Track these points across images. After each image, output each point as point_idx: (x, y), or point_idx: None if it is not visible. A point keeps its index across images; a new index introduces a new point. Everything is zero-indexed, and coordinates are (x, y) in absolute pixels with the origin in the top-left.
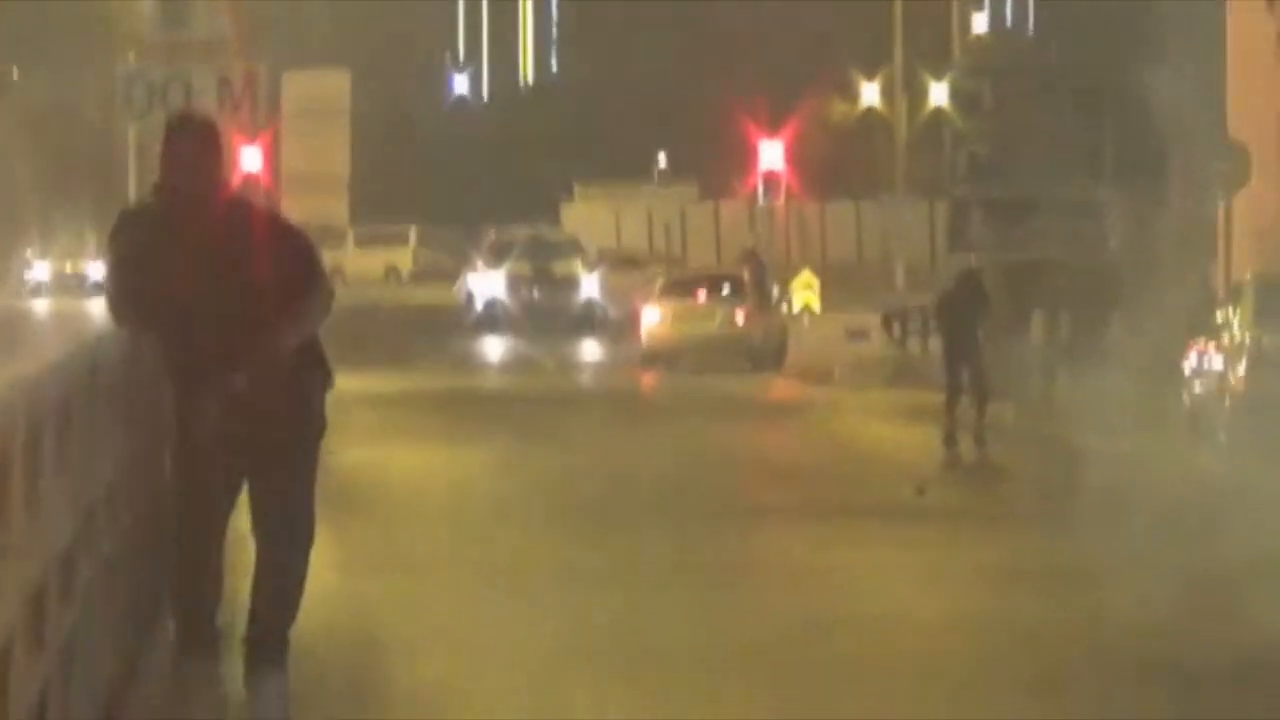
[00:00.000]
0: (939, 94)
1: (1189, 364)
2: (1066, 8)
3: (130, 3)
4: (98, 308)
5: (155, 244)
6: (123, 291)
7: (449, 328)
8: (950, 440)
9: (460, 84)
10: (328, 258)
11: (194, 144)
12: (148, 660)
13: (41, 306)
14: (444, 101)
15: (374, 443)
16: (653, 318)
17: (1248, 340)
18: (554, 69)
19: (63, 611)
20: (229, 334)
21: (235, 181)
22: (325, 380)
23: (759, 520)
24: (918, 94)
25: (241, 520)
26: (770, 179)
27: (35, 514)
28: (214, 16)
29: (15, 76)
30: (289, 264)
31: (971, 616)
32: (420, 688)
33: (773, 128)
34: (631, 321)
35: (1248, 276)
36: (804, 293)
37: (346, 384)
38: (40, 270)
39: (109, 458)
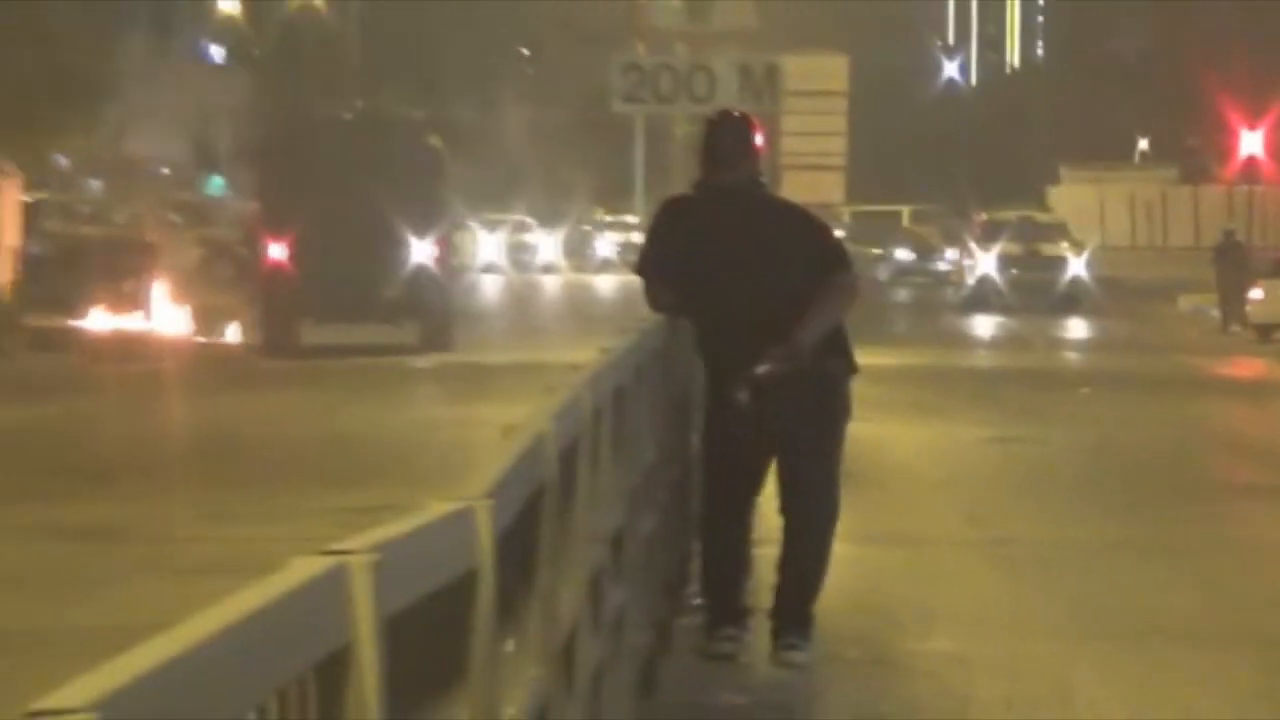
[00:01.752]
0: None
1: None
2: None
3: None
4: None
5: (697, 234)
6: (663, 277)
7: (939, 306)
8: None
9: (950, 69)
10: None
11: (733, 139)
12: (677, 631)
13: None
14: (934, 86)
15: (876, 418)
16: (1257, 295)
17: None
18: (1039, 54)
19: (614, 591)
20: (761, 323)
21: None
22: (849, 367)
23: (1247, 499)
24: None
25: (767, 500)
26: (1250, 165)
27: (596, 499)
28: (733, 10)
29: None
30: (815, 256)
31: None
32: (936, 660)
33: (1255, 115)
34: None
35: None
36: None
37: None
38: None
39: (651, 441)
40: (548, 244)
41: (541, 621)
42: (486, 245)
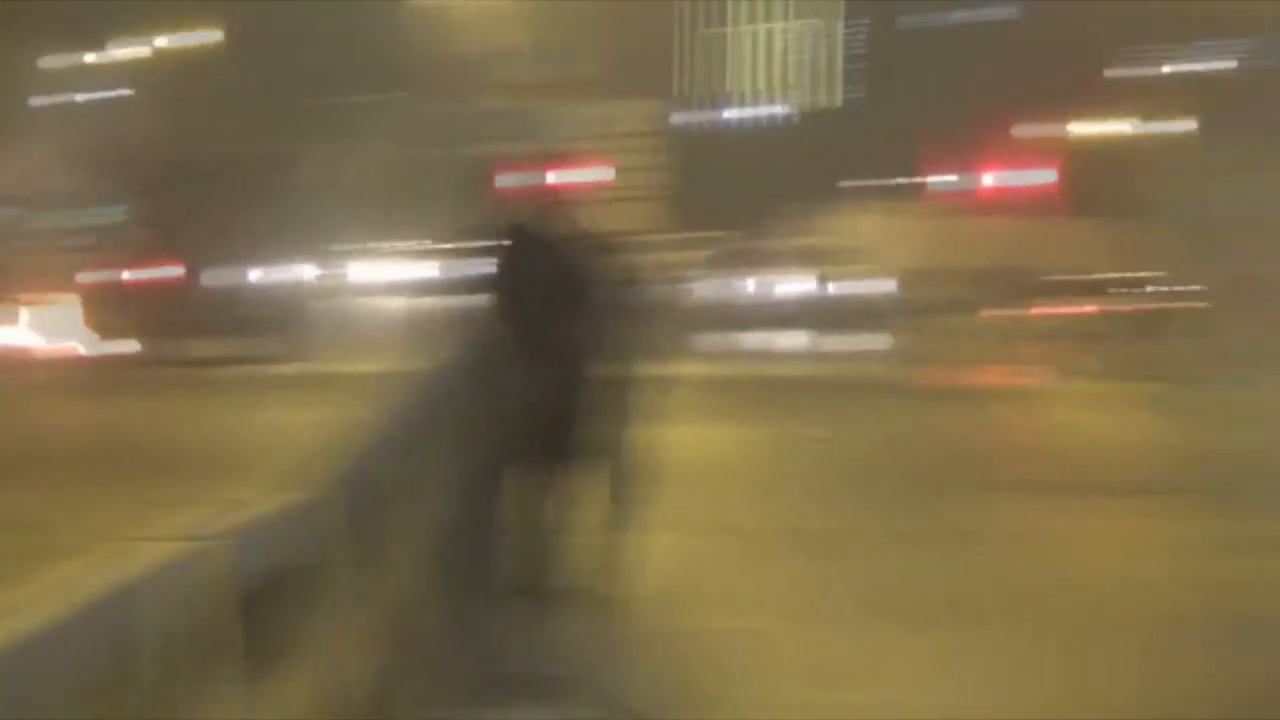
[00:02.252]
0: (1161, 127)
1: None
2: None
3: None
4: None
5: (521, 257)
6: (492, 295)
7: (727, 321)
8: None
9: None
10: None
11: (540, 174)
12: (506, 607)
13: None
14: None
15: (694, 421)
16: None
17: None
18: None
19: (449, 572)
20: (574, 335)
21: (572, 197)
22: (657, 374)
23: (1013, 494)
24: (1140, 126)
25: (577, 490)
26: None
27: (432, 490)
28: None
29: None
30: (619, 270)
31: (1205, 582)
32: (741, 635)
33: (1019, 151)
34: None
35: None
36: None
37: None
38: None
39: (479, 438)
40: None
41: (383, 598)
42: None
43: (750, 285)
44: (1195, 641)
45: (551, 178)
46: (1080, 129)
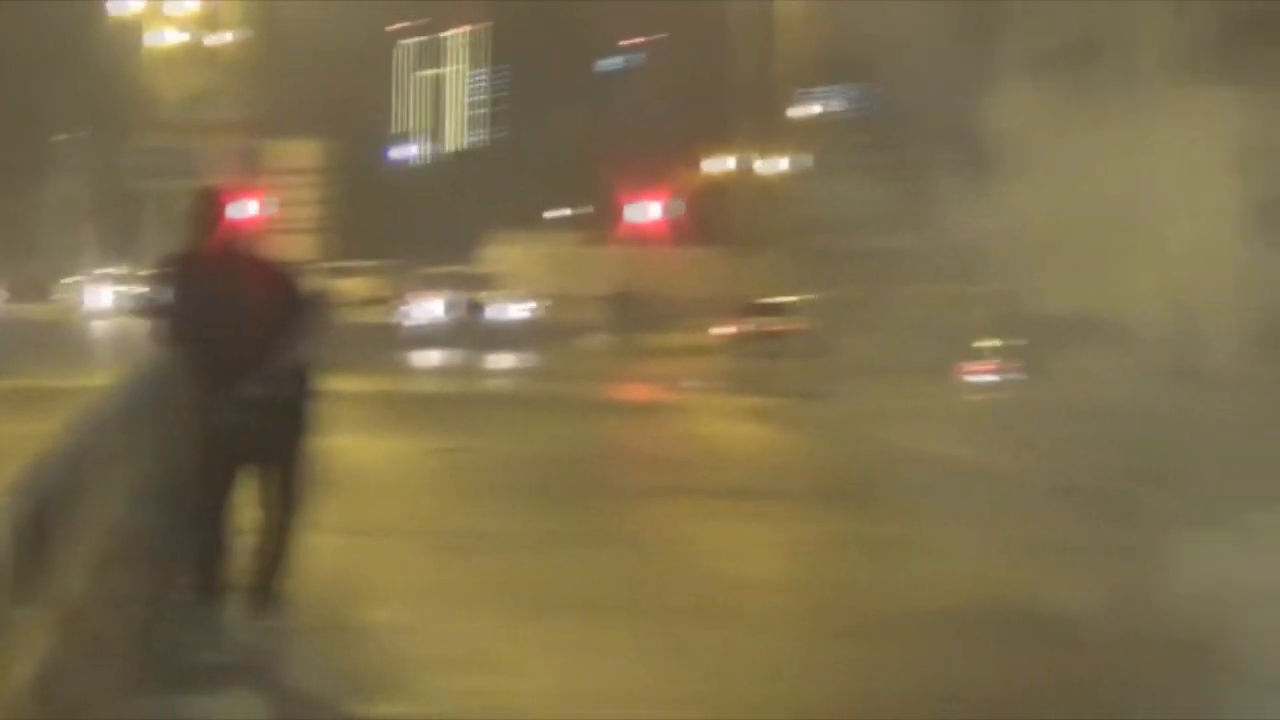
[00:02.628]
0: (775, 165)
1: (967, 379)
2: (878, 98)
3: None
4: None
5: (194, 281)
6: (169, 316)
7: (388, 342)
8: None
9: (403, 150)
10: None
11: (208, 207)
12: (173, 604)
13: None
14: (386, 165)
15: (345, 432)
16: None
17: (1016, 362)
18: (480, 138)
19: (119, 571)
20: (245, 354)
21: (244, 229)
22: (319, 389)
23: (632, 499)
24: (762, 164)
25: (252, 494)
26: (643, 229)
27: (104, 495)
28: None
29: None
30: (289, 294)
31: (802, 578)
32: (381, 626)
33: (648, 188)
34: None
35: (1015, 312)
36: None
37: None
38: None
39: (151, 449)
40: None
41: (53, 595)
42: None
43: (409, 309)
44: (803, 634)
45: (229, 210)
46: (711, 165)
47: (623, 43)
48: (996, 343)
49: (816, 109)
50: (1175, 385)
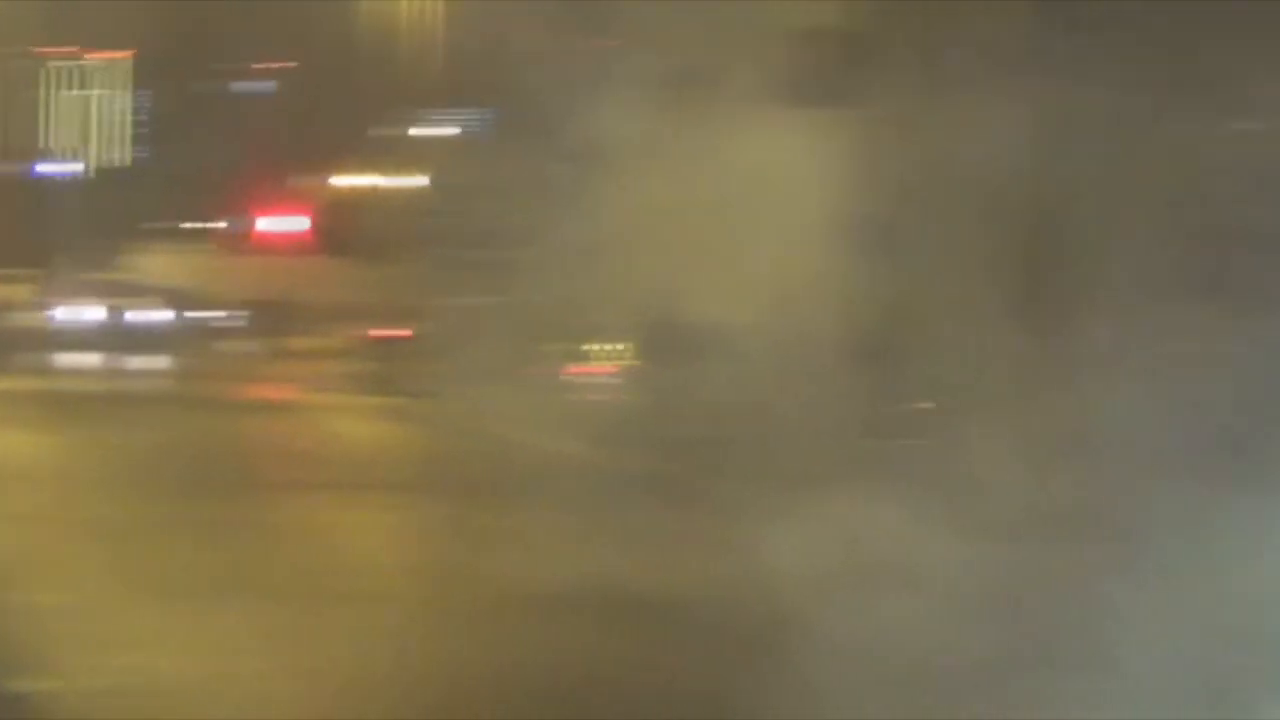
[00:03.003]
0: (406, 180)
1: (581, 380)
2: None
3: None
4: None
5: None
6: None
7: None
8: None
9: (54, 167)
10: None
11: None
12: None
13: None
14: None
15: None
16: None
17: (625, 365)
18: (124, 157)
19: None
20: None
21: None
22: None
23: (270, 491)
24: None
25: None
26: (281, 239)
27: None
28: None
29: None
30: None
31: (426, 563)
32: (25, 607)
33: (287, 199)
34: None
35: (626, 320)
36: None
37: None
38: None
39: None
40: None
41: None
42: None
43: (58, 313)
44: (424, 615)
45: None
46: (340, 181)
47: (259, 66)
48: (604, 346)
49: (441, 128)
50: (762, 388)
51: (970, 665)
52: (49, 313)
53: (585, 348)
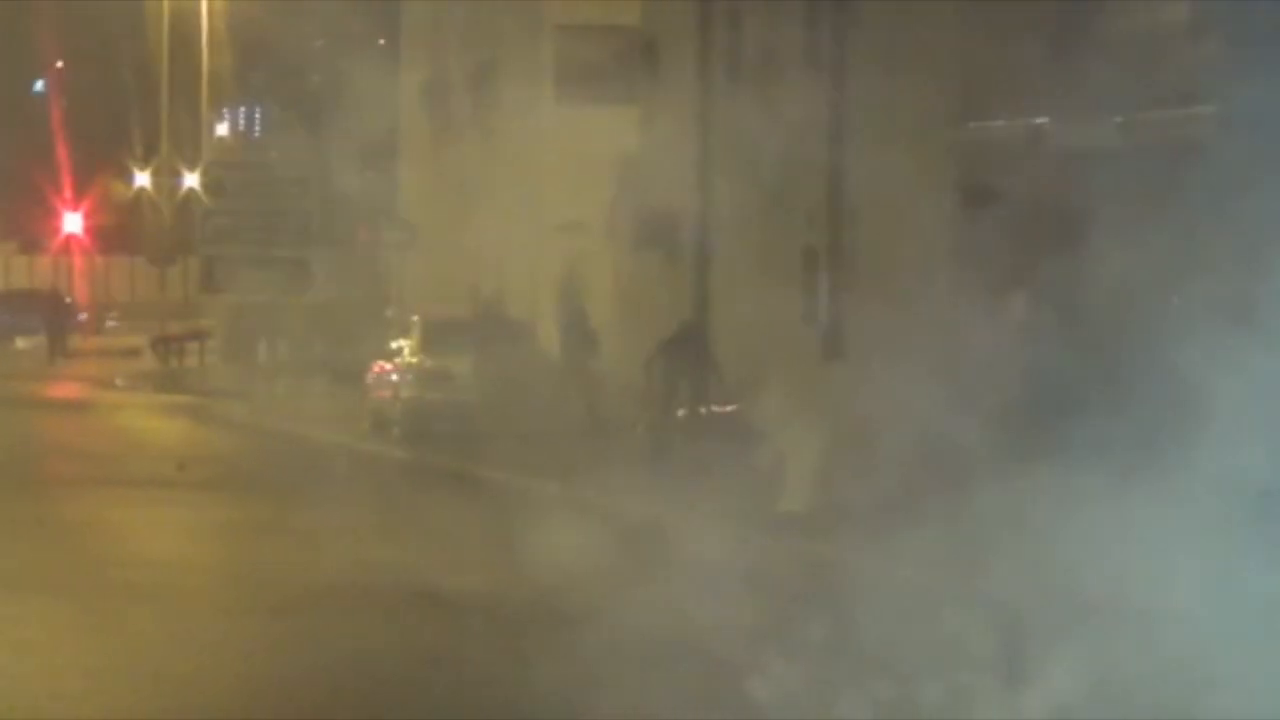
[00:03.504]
0: (193, 179)
1: (371, 378)
2: (285, 117)
3: None
4: None
5: None
6: None
7: None
8: None
9: None
10: None
11: None
12: None
13: None
14: None
15: None
16: None
17: (415, 362)
18: None
19: None
20: None
21: None
22: None
23: (63, 487)
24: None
25: None
26: (70, 240)
27: None
28: None
29: None
30: None
31: (221, 560)
32: None
33: (75, 201)
34: None
35: (415, 318)
36: None
37: None
38: None
39: None
40: None
41: None
42: None
43: None
44: (220, 611)
45: None
46: (133, 179)
47: (52, 65)
48: (402, 343)
49: (229, 128)
50: (549, 382)
51: (737, 648)
52: None
53: (389, 345)
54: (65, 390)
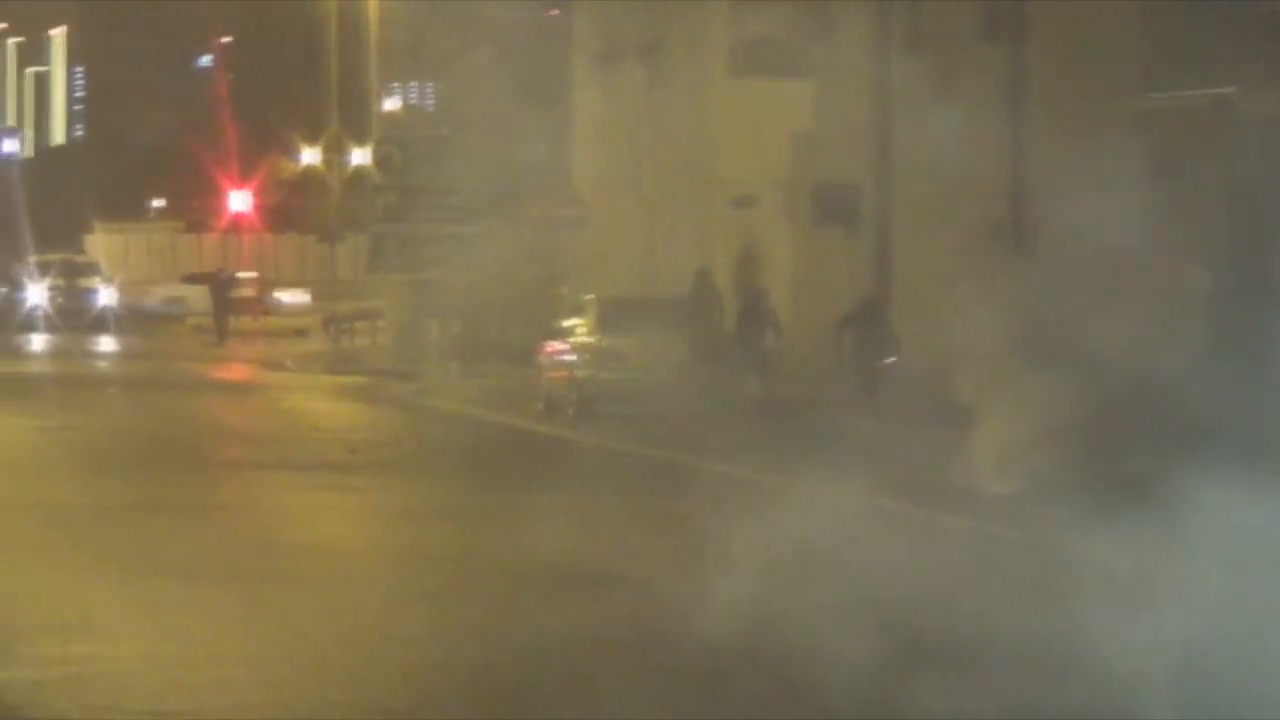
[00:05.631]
0: (362, 156)
1: (545, 358)
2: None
3: None
4: None
5: None
6: None
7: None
8: None
9: (10, 144)
10: None
11: None
12: None
13: None
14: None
15: None
16: None
17: (591, 341)
18: (80, 131)
19: None
20: None
21: None
22: None
23: (231, 472)
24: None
25: None
26: (238, 218)
27: None
28: None
29: None
30: None
31: (391, 545)
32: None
33: (241, 179)
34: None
35: (590, 296)
36: None
37: None
38: None
39: None
40: None
41: None
42: None
43: (23, 294)
44: (387, 597)
45: None
46: (302, 157)
47: (218, 40)
48: (575, 322)
49: (399, 102)
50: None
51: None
52: (13, 293)
53: (561, 324)
54: (234, 372)
